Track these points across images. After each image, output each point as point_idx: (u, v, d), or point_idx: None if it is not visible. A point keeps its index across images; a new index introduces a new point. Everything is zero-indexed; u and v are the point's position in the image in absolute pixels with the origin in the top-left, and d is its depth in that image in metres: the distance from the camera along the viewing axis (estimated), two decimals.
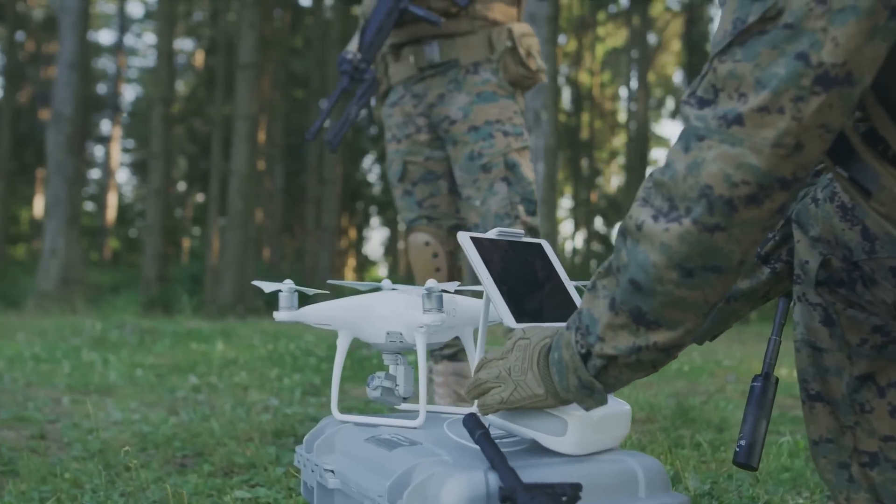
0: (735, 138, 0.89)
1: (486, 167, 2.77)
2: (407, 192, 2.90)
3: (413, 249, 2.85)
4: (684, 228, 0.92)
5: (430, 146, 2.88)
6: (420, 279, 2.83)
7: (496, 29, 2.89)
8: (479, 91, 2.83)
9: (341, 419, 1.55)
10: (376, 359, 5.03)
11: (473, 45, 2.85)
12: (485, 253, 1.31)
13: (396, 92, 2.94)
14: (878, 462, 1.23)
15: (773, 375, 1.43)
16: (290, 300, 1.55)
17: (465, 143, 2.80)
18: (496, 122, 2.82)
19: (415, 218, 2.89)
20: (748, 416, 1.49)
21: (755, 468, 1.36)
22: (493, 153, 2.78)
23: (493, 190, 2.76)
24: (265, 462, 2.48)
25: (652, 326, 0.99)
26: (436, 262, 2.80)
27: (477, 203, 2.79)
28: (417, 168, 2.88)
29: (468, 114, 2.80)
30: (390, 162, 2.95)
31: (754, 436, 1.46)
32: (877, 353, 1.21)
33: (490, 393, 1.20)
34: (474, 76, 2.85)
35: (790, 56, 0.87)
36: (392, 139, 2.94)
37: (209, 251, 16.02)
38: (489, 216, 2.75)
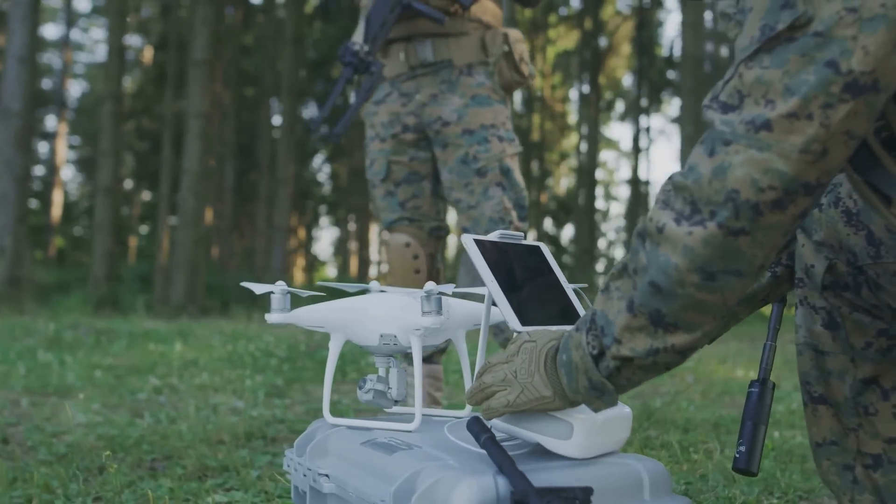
0: (763, 143, 0.89)
1: (480, 171, 2.77)
2: (389, 192, 2.86)
3: (393, 250, 2.81)
4: (709, 232, 0.92)
5: (415, 146, 2.85)
6: (398, 280, 2.80)
7: (490, 32, 2.88)
8: (473, 94, 2.82)
9: (333, 422, 1.54)
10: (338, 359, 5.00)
11: (467, 46, 2.84)
12: (488, 255, 1.31)
13: (383, 89, 2.90)
14: (882, 464, 1.24)
15: (770, 381, 1.44)
16: (283, 302, 1.52)
17: (457, 146, 2.78)
18: (491, 127, 2.82)
19: (396, 219, 2.86)
20: (746, 422, 1.50)
21: (755, 474, 1.37)
22: (489, 158, 2.78)
23: (487, 194, 2.76)
24: (238, 465, 2.45)
25: (670, 329, 0.99)
26: (416, 263, 2.78)
27: (468, 206, 2.78)
28: (401, 168, 2.84)
29: (463, 116, 2.79)
30: (372, 160, 2.91)
31: (753, 441, 1.47)
32: (881, 357, 1.23)
33: (495, 396, 1.19)
34: (468, 78, 2.84)
35: (820, 63, 0.87)
36: (375, 137, 2.90)
37: (159, 250, 15.81)
38: (482, 220, 2.75)
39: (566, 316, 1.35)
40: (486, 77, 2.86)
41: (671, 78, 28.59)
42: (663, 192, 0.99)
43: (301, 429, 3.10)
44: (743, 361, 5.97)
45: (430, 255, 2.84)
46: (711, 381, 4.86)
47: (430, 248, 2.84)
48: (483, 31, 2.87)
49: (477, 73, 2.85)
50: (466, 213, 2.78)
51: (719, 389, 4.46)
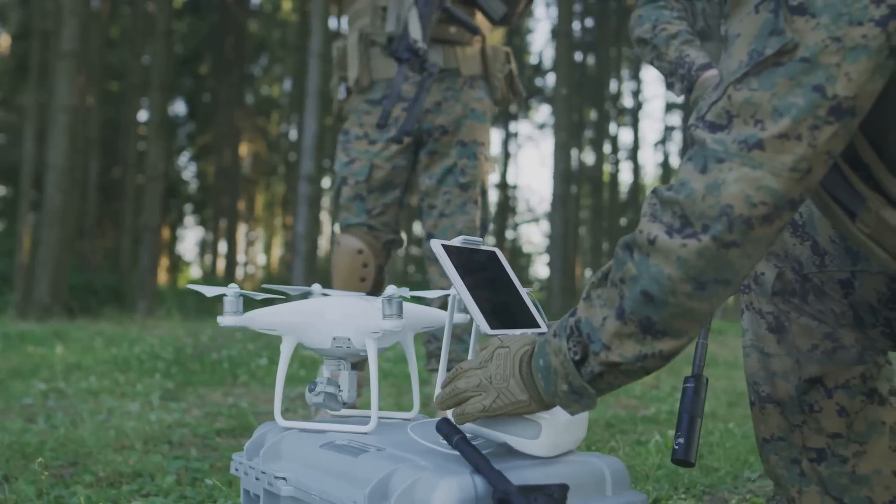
0: (756, 162, 0.95)
1: (464, 186, 2.78)
2: (360, 195, 2.79)
3: (343, 252, 2.76)
4: (703, 244, 0.97)
5: (402, 154, 2.80)
6: (341, 283, 2.75)
7: (491, 47, 2.89)
8: (473, 107, 2.83)
9: (285, 425, 1.53)
10: (227, 363, 4.93)
11: (471, 58, 2.83)
12: (454, 260, 1.34)
13: (378, 90, 2.82)
14: (826, 457, 1.33)
15: (704, 376, 1.52)
16: (236, 305, 1.51)
17: (446, 155, 2.78)
18: (482, 145, 2.84)
19: (358, 223, 2.79)
20: (683, 415, 1.57)
21: (693, 464, 1.44)
22: (475, 174, 2.80)
23: (464, 209, 2.78)
24: (151, 470, 2.40)
25: (658, 335, 1.04)
26: (364, 271, 2.74)
27: (440, 214, 2.78)
28: (381, 174, 2.78)
29: (460, 127, 2.79)
30: (352, 158, 2.81)
31: (690, 433, 1.55)
32: (826, 358, 1.32)
33: (470, 401, 1.22)
34: (470, 90, 2.84)
35: (807, 87, 0.94)
36: (363, 137, 2.81)
37: (19, 248, 15.11)
38: (451, 231, 2.76)
39: (525, 320, 1.39)
40: (485, 93, 2.88)
41: (539, 85, 29.23)
42: (649, 205, 1.04)
43: (204, 433, 3.05)
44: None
45: (379, 267, 2.82)
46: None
47: (381, 260, 2.81)
48: (482, 43, 2.89)
49: (478, 86, 2.86)
50: (436, 220, 2.78)
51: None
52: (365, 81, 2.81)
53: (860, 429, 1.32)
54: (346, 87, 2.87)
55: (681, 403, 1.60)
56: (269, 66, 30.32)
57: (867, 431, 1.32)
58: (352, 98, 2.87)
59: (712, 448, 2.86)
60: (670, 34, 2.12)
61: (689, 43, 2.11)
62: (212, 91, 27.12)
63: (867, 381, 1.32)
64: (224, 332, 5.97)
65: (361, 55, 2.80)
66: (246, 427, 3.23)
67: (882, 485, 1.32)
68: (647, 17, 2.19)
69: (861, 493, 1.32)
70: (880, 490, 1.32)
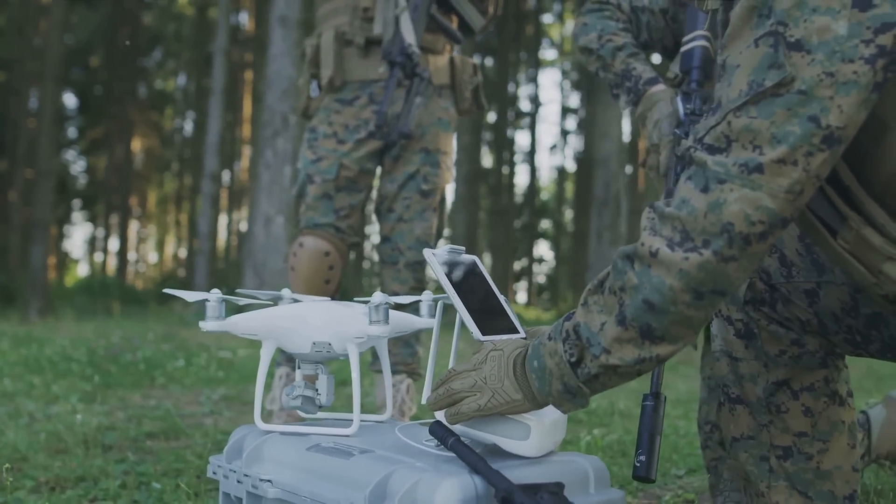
0: (755, 184, 1.04)
1: (425, 193, 2.79)
2: (328, 194, 2.75)
3: (309, 254, 2.71)
4: (704, 258, 1.05)
5: (369, 158, 2.79)
6: (305, 285, 2.71)
7: (459, 58, 2.90)
8: (440, 116, 2.84)
9: (266, 428, 1.56)
10: (143, 364, 4.85)
11: (441, 67, 2.84)
12: (446, 269, 1.39)
13: (350, 90, 2.80)
14: (792, 454, 1.44)
15: (662, 394, 1.60)
16: (218, 310, 1.53)
17: (409, 161, 2.79)
18: (445, 154, 2.85)
19: (325, 223, 2.75)
20: (643, 433, 1.66)
21: (654, 480, 1.52)
22: (437, 183, 2.81)
23: (423, 216, 2.80)
24: (94, 474, 2.37)
25: (657, 341, 1.11)
26: (330, 273, 2.72)
27: (398, 219, 2.79)
28: (347, 176, 2.76)
29: (425, 134, 2.79)
30: (319, 157, 2.77)
31: (651, 451, 1.63)
32: (793, 363, 1.42)
33: (465, 401, 1.27)
34: (439, 100, 2.85)
35: (803, 118, 1.03)
36: (332, 136, 2.77)
37: None
38: (409, 236, 2.77)
39: (507, 325, 1.45)
40: (451, 103, 2.89)
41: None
42: (648, 219, 1.12)
43: (135, 436, 3.02)
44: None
45: (342, 269, 2.82)
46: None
47: (344, 262, 2.82)
48: (449, 53, 2.90)
49: (445, 95, 2.87)
50: (394, 224, 2.78)
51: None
52: (338, 81, 2.79)
53: (823, 427, 1.43)
54: (318, 85, 2.84)
55: (640, 421, 1.68)
56: (164, 60, 29.68)
57: (829, 430, 1.43)
58: (322, 96, 2.85)
59: None
60: (617, 46, 2.19)
61: (636, 56, 2.19)
62: (104, 84, 26.41)
63: (830, 383, 1.43)
64: (136, 333, 5.87)
65: (336, 55, 2.78)
66: (175, 430, 3.20)
67: (843, 479, 1.43)
68: (593, 26, 2.24)
69: (824, 486, 1.43)
70: (841, 484, 1.43)
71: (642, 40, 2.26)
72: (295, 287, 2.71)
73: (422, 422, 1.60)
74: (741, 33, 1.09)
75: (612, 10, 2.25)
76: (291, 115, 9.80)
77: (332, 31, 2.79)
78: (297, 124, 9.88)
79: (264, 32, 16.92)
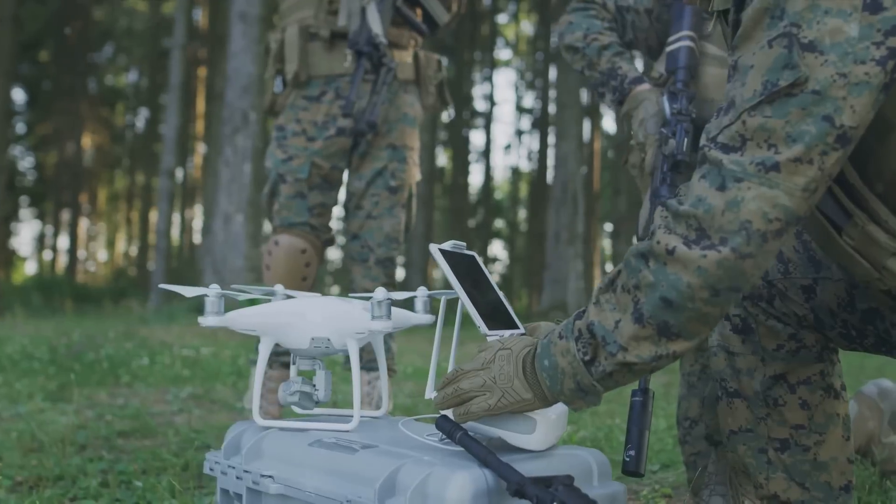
0: (772, 182, 1.06)
1: (393, 189, 2.77)
2: (301, 193, 2.74)
3: (285, 252, 2.70)
4: (722, 256, 1.07)
5: (340, 156, 2.77)
6: (280, 283, 2.70)
7: (424, 54, 2.89)
8: (406, 112, 2.82)
9: (264, 424, 1.55)
10: (107, 362, 4.79)
11: (406, 61, 2.82)
12: (451, 265, 1.40)
13: (316, 86, 2.77)
14: (789, 447, 1.47)
15: (651, 390, 1.62)
16: (217, 305, 1.52)
17: (377, 158, 2.77)
18: (411, 150, 2.84)
19: (300, 222, 2.74)
20: (632, 428, 1.68)
21: (643, 475, 1.55)
22: (405, 179, 2.80)
23: (392, 213, 2.79)
24: (73, 473, 2.34)
25: (673, 338, 1.13)
26: (306, 271, 2.71)
27: (367, 216, 2.77)
28: (319, 173, 2.74)
29: (392, 130, 2.78)
30: (290, 156, 2.74)
31: (640, 446, 1.65)
32: (791, 357, 1.45)
33: (474, 401, 1.28)
34: (405, 95, 2.83)
35: (818, 117, 1.05)
36: (301, 133, 2.75)
37: None
38: (378, 233, 2.76)
39: (507, 321, 1.46)
40: (416, 98, 2.88)
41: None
42: (662, 218, 1.13)
43: (107, 435, 2.99)
44: None
45: (316, 266, 2.80)
46: None
47: (320, 259, 2.80)
48: (414, 48, 2.89)
49: (411, 91, 2.86)
50: (363, 221, 2.77)
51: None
52: (303, 76, 2.76)
53: (819, 420, 1.46)
54: (283, 81, 2.81)
55: (629, 417, 1.70)
56: (115, 56, 29.27)
57: (825, 422, 1.46)
58: (288, 93, 2.82)
59: (611, 443, 3.01)
60: (602, 45, 2.21)
61: (621, 55, 2.21)
62: (53, 79, 25.96)
63: (825, 377, 1.46)
64: (98, 331, 5.80)
65: (301, 49, 2.75)
66: (147, 428, 3.17)
67: (839, 470, 1.47)
68: (579, 24, 2.26)
69: (821, 478, 1.46)
70: (837, 475, 1.46)
71: (627, 40, 2.28)
72: (271, 285, 2.69)
73: (417, 417, 1.60)
74: (753, 34, 1.11)
75: (598, 10, 2.27)
76: (252, 112, 9.73)
77: (297, 26, 2.77)
78: (258, 121, 9.82)
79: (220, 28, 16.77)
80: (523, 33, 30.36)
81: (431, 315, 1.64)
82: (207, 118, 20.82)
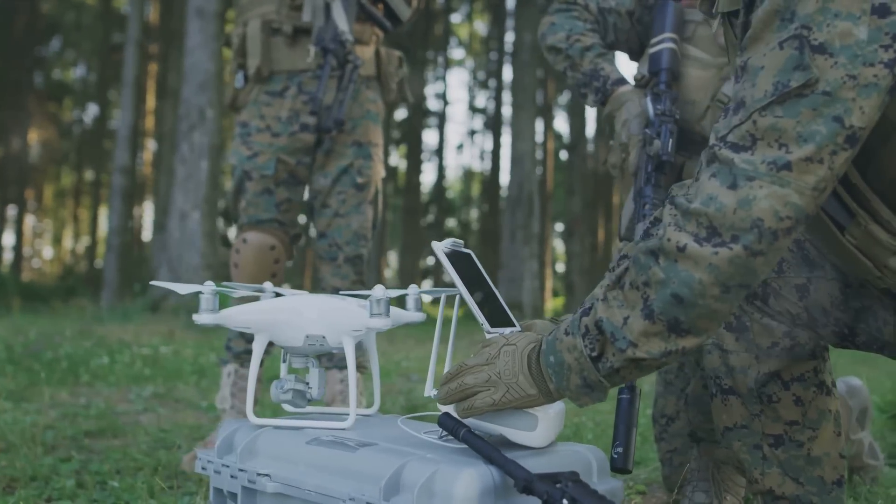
0: (784, 181, 1.08)
1: (360, 186, 2.75)
2: (268, 189, 2.70)
3: (254, 250, 2.67)
4: (734, 253, 1.09)
5: (305, 152, 2.74)
6: (250, 280, 2.66)
7: (385, 50, 2.87)
8: (369, 108, 2.80)
9: (258, 423, 1.54)
10: (66, 361, 4.71)
11: (367, 58, 2.80)
12: (453, 263, 1.40)
13: (279, 81, 2.73)
14: (784, 442, 1.49)
15: (637, 387, 1.64)
16: (212, 303, 1.51)
17: (341, 155, 2.74)
18: (376, 146, 2.82)
19: (268, 219, 2.71)
20: (620, 425, 1.69)
21: (630, 471, 1.57)
22: (371, 175, 2.77)
23: (360, 209, 2.76)
24: (45, 474, 2.31)
25: (683, 334, 1.14)
26: (276, 267, 2.68)
27: (334, 214, 2.74)
28: (285, 169, 2.71)
29: (356, 127, 2.76)
30: (255, 152, 2.71)
31: (628, 442, 1.67)
32: (785, 355, 1.47)
33: (478, 396, 1.28)
34: (367, 91, 2.81)
35: (828, 118, 1.07)
36: (265, 129, 2.71)
37: None
38: (346, 231, 2.74)
39: (505, 318, 1.47)
40: (377, 94, 2.86)
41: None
42: (671, 216, 1.15)
43: (74, 435, 2.95)
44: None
45: (285, 262, 2.77)
46: None
47: (289, 255, 2.77)
48: (376, 44, 2.88)
49: (373, 87, 2.84)
50: (330, 219, 2.74)
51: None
52: (265, 71, 2.73)
53: (812, 416, 1.49)
54: (245, 76, 2.78)
55: (617, 414, 1.72)
56: (63, 50, 28.78)
57: (818, 419, 1.49)
58: (250, 88, 2.79)
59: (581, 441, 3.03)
60: (585, 46, 2.23)
61: (604, 56, 2.23)
62: None
63: (818, 374, 1.49)
64: (54, 330, 5.70)
65: (263, 44, 2.72)
66: (114, 428, 3.13)
67: (831, 465, 1.49)
68: (561, 25, 2.27)
69: (815, 472, 1.49)
70: (829, 469, 1.49)
71: (609, 41, 2.30)
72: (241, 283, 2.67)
73: (412, 415, 1.60)
74: (763, 36, 1.12)
75: (580, 11, 2.28)
76: (209, 109, 9.63)
77: (259, 20, 2.74)
78: (215, 118, 9.72)
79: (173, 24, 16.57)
80: (476, 33, 30.45)
81: (423, 313, 1.64)
82: (158, 114, 20.58)
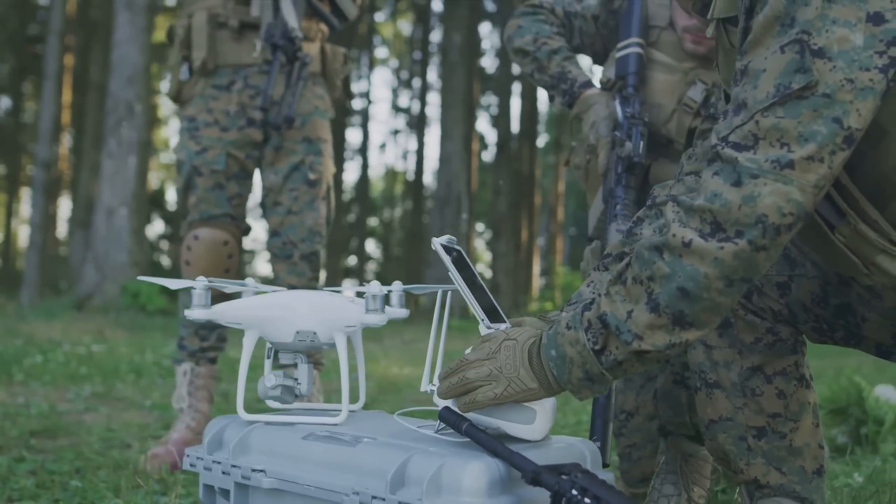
0: (787, 179, 1.13)
1: (312, 183, 2.74)
2: (219, 184, 2.67)
3: (206, 245, 2.64)
4: (739, 248, 1.13)
5: (254, 146, 2.72)
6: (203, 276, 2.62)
7: (330, 47, 2.86)
8: (317, 104, 2.79)
9: (249, 419, 1.54)
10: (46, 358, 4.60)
11: (313, 54, 2.78)
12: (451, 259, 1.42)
13: (224, 75, 2.70)
14: (766, 434, 1.55)
15: None
16: (204, 298, 1.50)
17: (292, 151, 2.72)
18: (325, 142, 2.80)
19: (220, 214, 2.68)
20: (596, 420, 1.74)
21: (608, 465, 1.61)
22: (322, 172, 2.75)
23: (313, 206, 2.75)
24: (3, 474, 2.27)
25: (686, 327, 1.19)
26: (229, 262, 2.64)
27: (287, 211, 2.72)
28: (235, 164, 2.69)
29: (305, 123, 2.74)
30: (204, 147, 2.67)
31: (605, 437, 1.72)
32: (768, 350, 1.53)
33: (480, 390, 1.30)
34: (314, 87, 2.80)
35: (828, 119, 1.13)
36: (213, 124, 2.67)
37: None
38: (300, 228, 2.72)
39: (496, 314, 1.49)
40: (324, 90, 2.85)
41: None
42: (674, 212, 1.19)
43: (19, 435, 2.89)
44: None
45: (238, 256, 2.74)
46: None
47: (240, 248, 2.74)
48: (322, 41, 2.86)
49: (319, 83, 2.83)
50: (283, 217, 2.72)
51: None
52: (210, 64, 2.69)
53: (794, 409, 1.55)
54: (190, 68, 2.74)
55: (593, 409, 1.76)
56: None
57: (799, 410, 1.55)
58: (195, 81, 2.75)
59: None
60: (552, 49, 2.26)
61: (570, 59, 2.27)
62: None
63: (798, 367, 1.55)
64: None
65: (209, 36, 2.69)
66: (60, 427, 3.08)
67: (811, 455, 1.56)
68: (528, 28, 2.30)
69: (797, 462, 1.55)
70: (810, 460, 1.55)
71: (574, 44, 2.35)
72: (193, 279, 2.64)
73: (405, 410, 1.62)
74: (763, 40, 1.18)
75: (547, 14, 2.32)
76: (137, 104, 9.43)
77: (205, 13, 2.71)
78: (143, 113, 9.53)
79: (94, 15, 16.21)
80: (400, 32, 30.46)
81: (406, 309, 1.65)
82: (76, 108, 20.09)
